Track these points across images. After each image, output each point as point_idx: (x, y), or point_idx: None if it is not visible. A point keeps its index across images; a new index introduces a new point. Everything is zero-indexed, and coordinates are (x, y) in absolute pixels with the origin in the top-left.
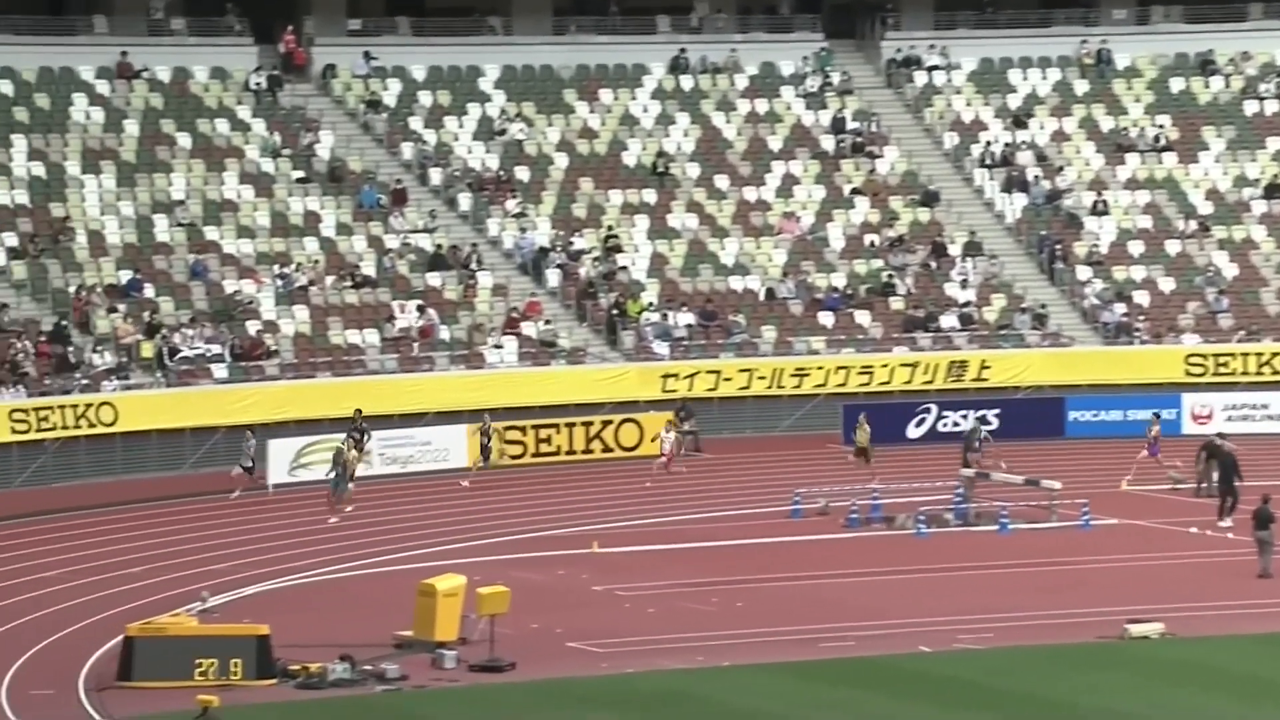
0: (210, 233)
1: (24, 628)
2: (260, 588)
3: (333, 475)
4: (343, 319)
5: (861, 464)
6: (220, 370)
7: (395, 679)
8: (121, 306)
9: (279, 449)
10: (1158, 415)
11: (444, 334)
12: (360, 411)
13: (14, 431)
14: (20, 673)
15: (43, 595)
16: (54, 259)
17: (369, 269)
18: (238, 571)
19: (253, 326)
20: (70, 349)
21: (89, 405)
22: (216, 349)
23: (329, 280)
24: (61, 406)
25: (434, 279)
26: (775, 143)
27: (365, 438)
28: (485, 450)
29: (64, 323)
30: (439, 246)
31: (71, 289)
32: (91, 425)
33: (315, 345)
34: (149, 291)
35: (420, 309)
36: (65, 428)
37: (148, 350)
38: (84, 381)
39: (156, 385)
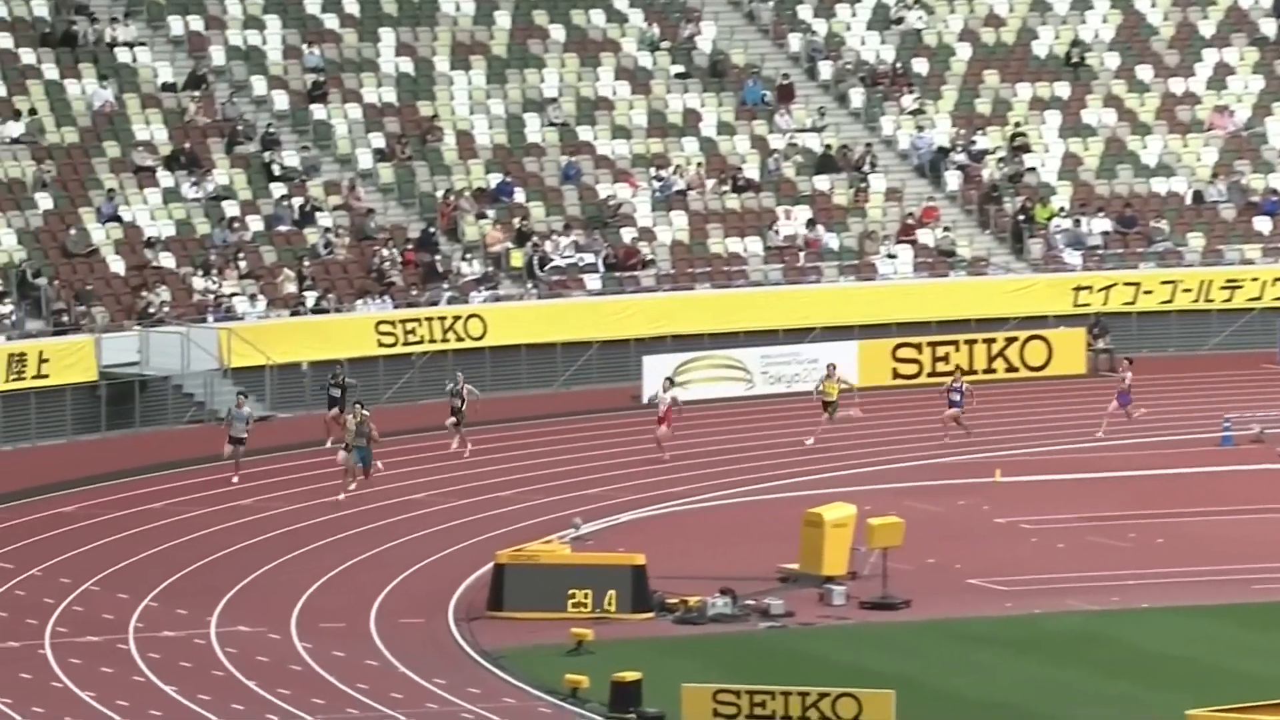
0: (584, 133)
1: (393, 553)
2: (635, 514)
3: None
4: (723, 226)
5: None
6: (593, 281)
7: (780, 615)
8: (490, 212)
9: (655, 366)
10: (1129, 360)
11: (832, 242)
12: (342, 365)
13: (380, 345)
14: (389, 600)
15: (411, 519)
16: (421, 161)
17: (752, 172)
18: (612, 496)
19: (627, 234)
20: (437, 257)
21: (457, 318)
22: (589, 258)
23: (709, 184)
24: (429, 319)
25: (822, 182)
26: (1207, 28)
27: (345, 394)
28: (457, 415)
29: (431, 229)
30: (828, 147)
31: (439, 193)
32: (459, 339)
33: (693, 254)
34: (519, 196)
35: (810, 222)
36: (432, 341)
37: (517, 259)
38: (451, 292)
39: (526, 296)
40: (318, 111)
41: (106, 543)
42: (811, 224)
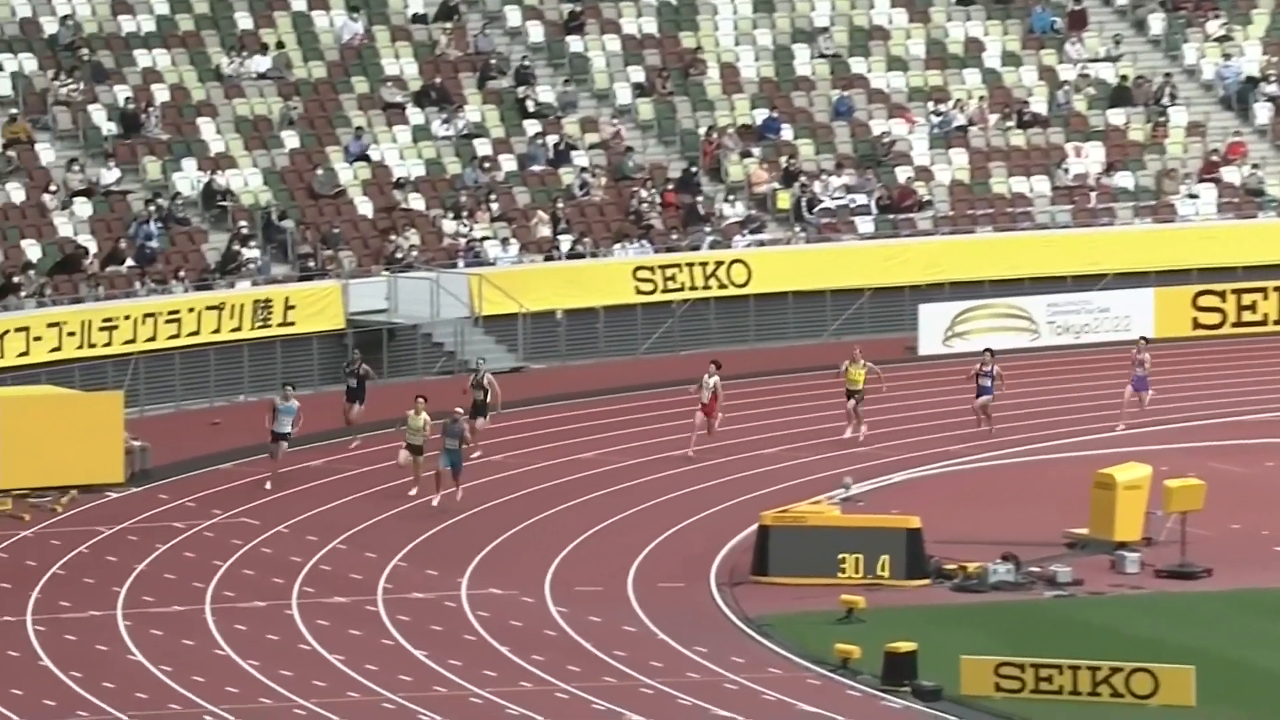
0: (856, 65)
1: (653, 512)
2: (909, 474)
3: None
4: (1007, 164)
5: None
6: (865, 223)
7: (1067, 583)
8: (756, 150)
9: (931, 315)
10: (1145, 339)
11: (1127, 181)
12: (358, 353)
13: (639, 292)
14: (647, 563)
15: (671, 476)
16: (683, 96)
17: (1039, 105)
18: (884, 455)
19: (903, 173)
20: (699, 199)
21: (719, 263)
22: (861, 199)
23: (992, 119)
24: (690, 264)
25: (1116, 116)
26: None
27: (363, 385)
28: (480, 408)
29: (693, 169)
30: (1123, 78)
31: (701, 130)
32: (721, 286)
33: (975, 195)
34: (786, 133)
35: (1108, 167)
36: (693, 288)
37: (784, 200)
38: (714, 236)
39: (794, 240)
40: (574, 44)
41: (354, 499)
42: (1105, 164)
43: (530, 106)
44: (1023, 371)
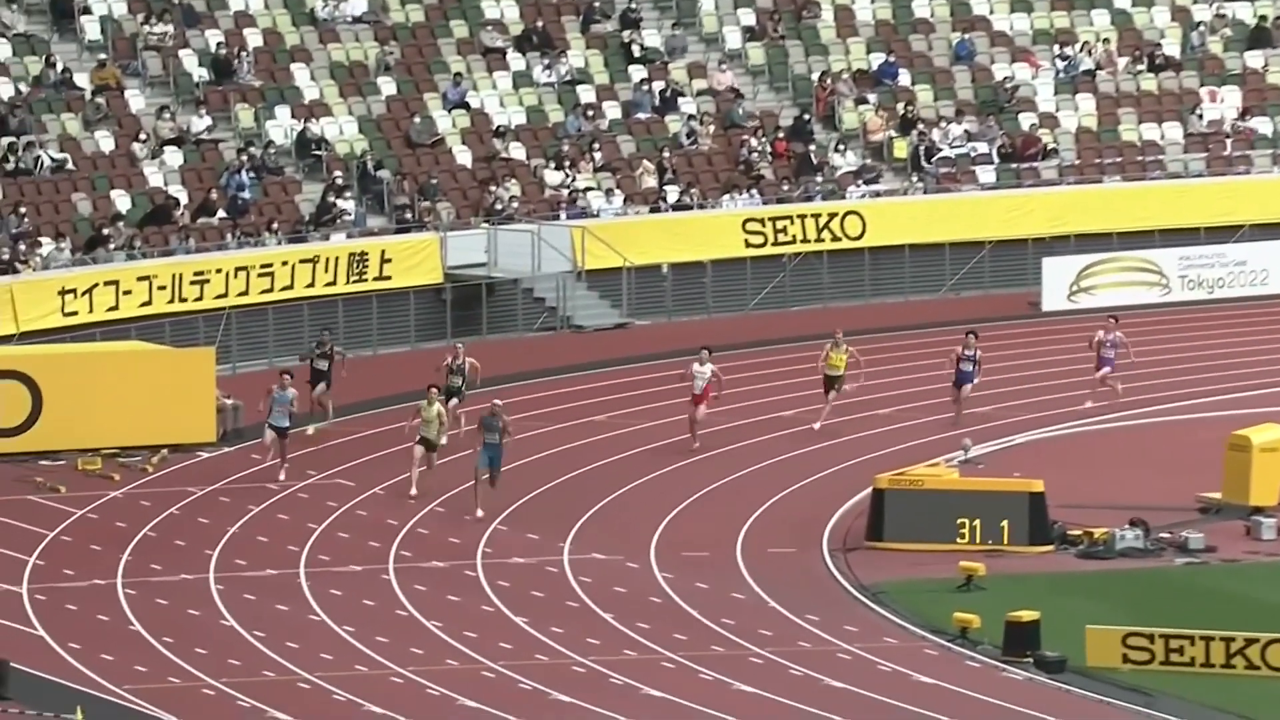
0: (978, 6)
1: (762, 475)
2: (1031, 435)
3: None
4: (1137, 110)
5: None
6: (986, 173)
7: (1199, 550)
8: (872, 97)
9: (1056, 269)
10: (1114, 318)
11: (1265, 128)
12: (328, 333)
13: (748, 245)
14: (757, 527)
15: (781, 438)
16: (795, 40)
17: (1172, 47)
18: (1004, 415)
19: (1027, 120)
20: (812, 148)
21: (832, 215)
22: (983, 147)
23: (1121, 62)
24: (801, 216)
25: (1254, 58)
26: None
27: (333, 367)
28: (456, 393)
29: (805, 116)
30: (1262, 18)
31: (814, 76)
32: (835, 239)
33: (1102, 142)
34: (904, 78)
35: (1244, 113)
36: (805, 241)
37: (901, 149)
38: (827, 186)
39: (911, 191)
40: None
41: (451, 460)
42: (1242, 109)
43: (636, 51)
44: (1152, 328)
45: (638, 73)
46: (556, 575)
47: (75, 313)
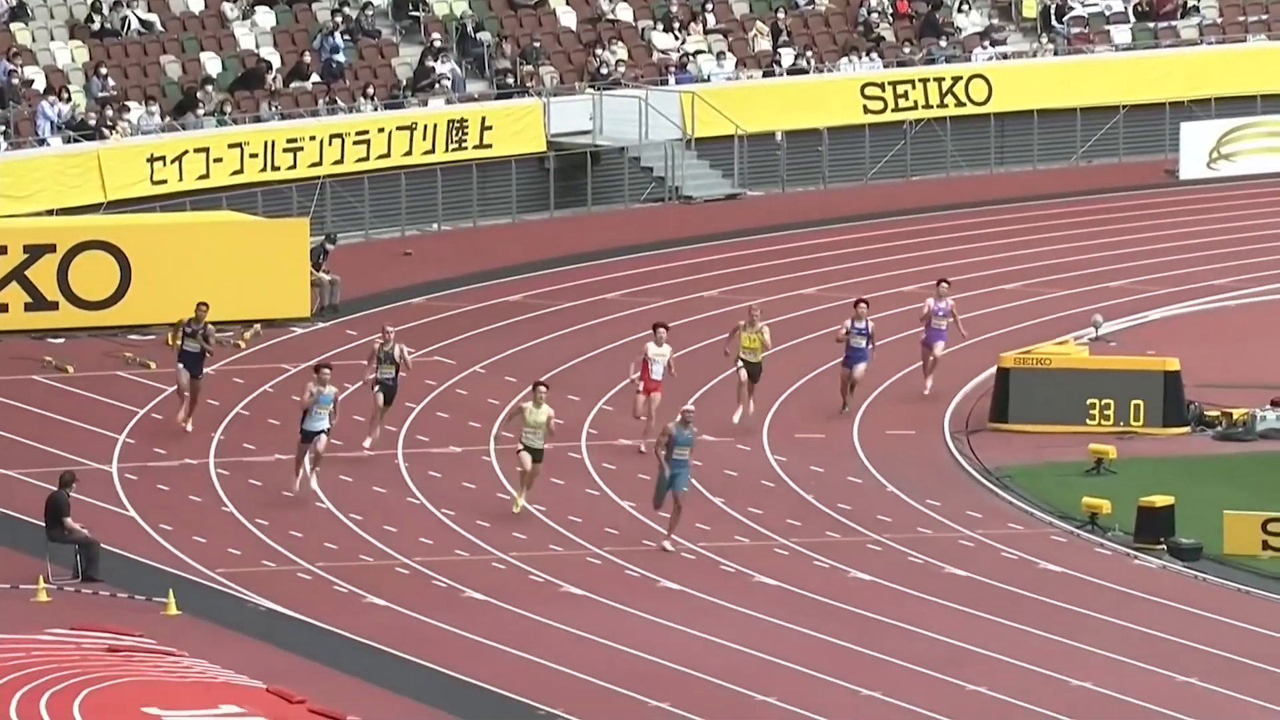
0: None
1: (881, 352)
2: (1167, 311)
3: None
4: None
5: None
6: (1121, 33)
7: None
8: None
9: (1195, 135)
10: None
11: None
12: (203, 305)
13: (867, 111)
14: (875, 407)
15: (901, 314)
16: None
17: None
18: (1139, 290)
19: None
20: (935, 8)
21: (956, 79)
22: (1117, 6)
23: None
24: (923, 80)
25: None
26: None
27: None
28: (388, 391)
29: None
30: None
31: None
32: (959, 104)
33: (1246, 1)
34: None
35: None
36: (928, 106)
37: (1030, 8)
38: (951, 49)
39: (1041, 53)
40: None
41: (556, 336)
42: None
43: None
44: None
45: None
46: None
47: (164, 181)
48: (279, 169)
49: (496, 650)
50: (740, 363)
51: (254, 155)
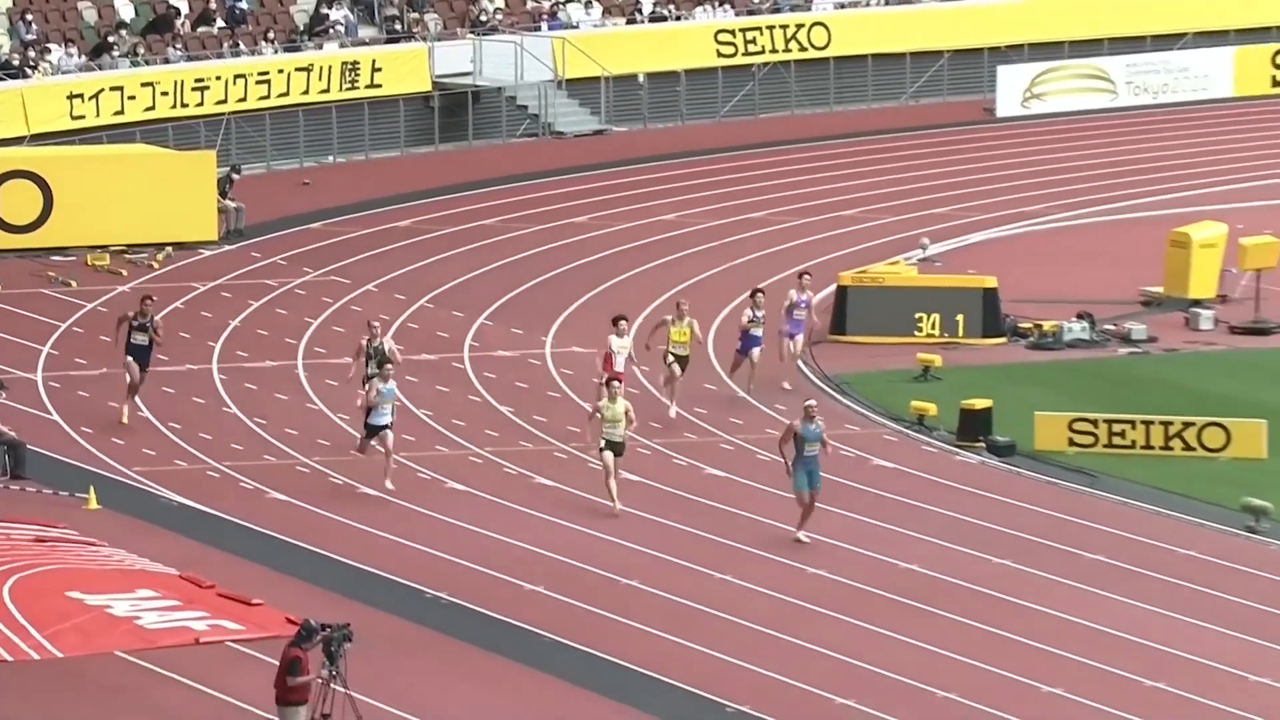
0: None
1: (734, 272)
2: (986, 234)
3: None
4: None
5: None
6: None
7: (1141, 340)
8: None
9: (1010, 76)
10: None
11: None
12: (148, 300)
13: (719, 55)
14: (729, 321)
15: (752, 238)
16: None
17: None
18: (961, 216)
19: None
20: None
21: (800, 26)
22: None
23: None
24: (770, 27)
25: None
26: None
27: (154, 330)
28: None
29: None
30: None
31: None
32: (802, 49)
33: None
34: None
35: None
36: (774, 51)
37: None
38: (796, 0)
39: (874, 3)
40: None
41: (440, 259)
42: None
43: None
44: (1100, 132)
45: None
46: (539, 367)
47: (83, 116)
48: (188, 106)
49: (386, 539)
50: (670, 357)
51: (165, 93)
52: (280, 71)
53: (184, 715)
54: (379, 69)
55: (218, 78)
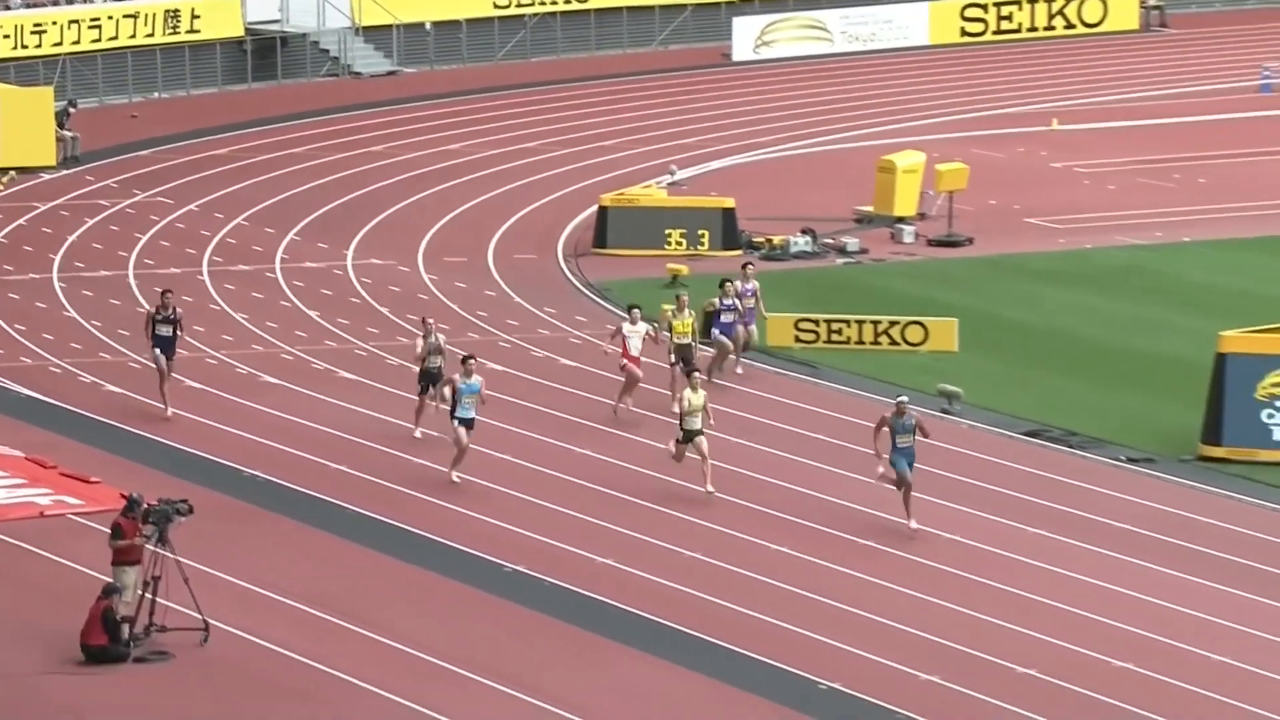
0: None
1: (509, 196)
2: (726, 162)
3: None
4: None
5: None
6: None
7: (855, 252)
8: None
9: (744, 26)
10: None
11: None
12: (169, 293)
13: (496, 6)
14: (505, 238)
15: (523, 165)
16: None
17: None
18: (705, 146)
19: None
20: None
21: None
22: None
23: None
24: None
25: None
26: None
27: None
28: (435, 377)
29: None
30: None
31: None
32: (567, 1)
33: None
34: None
35: None
36: (543, 4)
37: None
38: None
39: None
40: None
41: (255, 182)
42: None
43: None
44: (820, 75)
45: None
46: (342, 277)
47: None
48: (28, 48)
49: (209, 426)
50: (673, 353)
51: (7, 36)
52: (110, 18)
53: (33, 579)
54: (197, 16)
55: (54, 23)
